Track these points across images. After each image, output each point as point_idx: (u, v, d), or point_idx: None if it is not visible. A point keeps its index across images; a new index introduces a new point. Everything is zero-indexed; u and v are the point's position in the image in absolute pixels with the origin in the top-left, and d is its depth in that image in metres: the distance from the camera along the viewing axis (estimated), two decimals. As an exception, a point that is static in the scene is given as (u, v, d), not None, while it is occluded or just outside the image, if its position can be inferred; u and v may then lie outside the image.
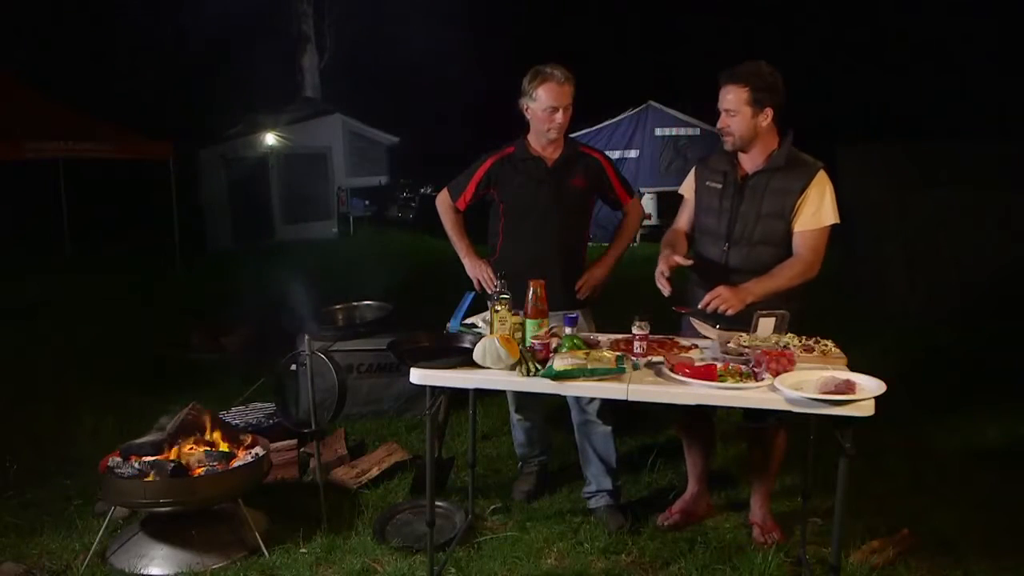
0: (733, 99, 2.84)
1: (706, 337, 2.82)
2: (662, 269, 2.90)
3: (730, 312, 2.73)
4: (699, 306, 2.80)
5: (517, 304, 2.68)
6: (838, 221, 2.87)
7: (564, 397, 3.21)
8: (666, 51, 20.25)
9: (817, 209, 2.84)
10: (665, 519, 3.29)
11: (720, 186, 3.01)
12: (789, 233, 2.89)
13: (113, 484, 2.99)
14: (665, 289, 2.87)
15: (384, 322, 4.67)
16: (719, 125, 2.92)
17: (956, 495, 3.52)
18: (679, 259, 2.91)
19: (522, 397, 3.53)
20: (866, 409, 2.17)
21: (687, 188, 3.20)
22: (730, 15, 20.82)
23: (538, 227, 3.28)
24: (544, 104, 3.15)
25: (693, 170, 3.19)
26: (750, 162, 2.96)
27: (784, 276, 2.83)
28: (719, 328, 2.77)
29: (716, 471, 3.74)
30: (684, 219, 3.22)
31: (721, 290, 2.76)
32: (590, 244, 3.48)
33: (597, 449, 3.37)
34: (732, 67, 2.87)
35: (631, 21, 22.06)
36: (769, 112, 2.85)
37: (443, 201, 3.49)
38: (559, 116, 3.16)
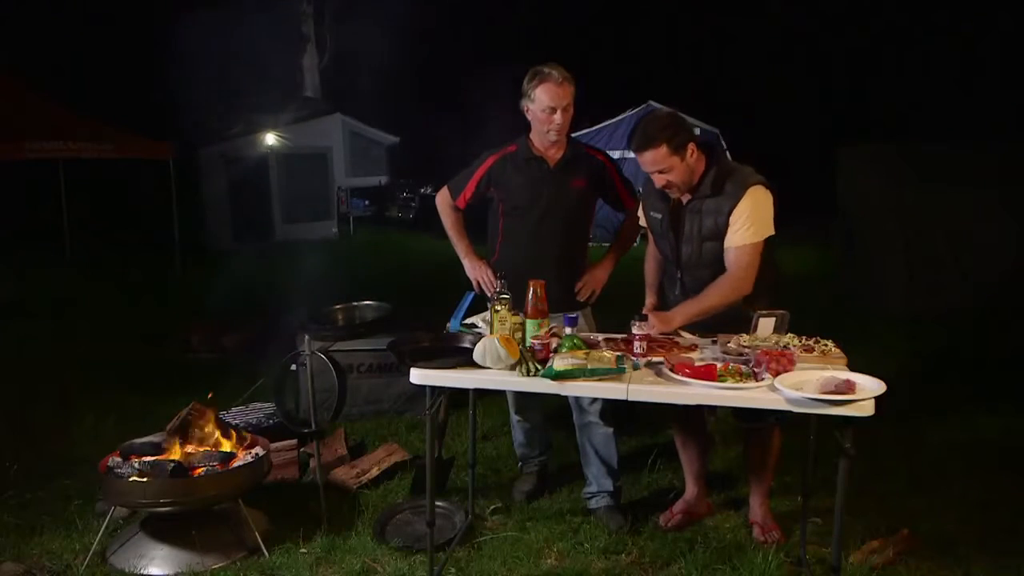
0: (659, 159, 2.82)
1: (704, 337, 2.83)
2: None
3: (653, 333, 2.74)
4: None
5: (517, 304, 2.68)
6: (770, 234, 2.87)
7: (565, 398, 3.21)
8: (666, 51, 20.26)
9: (741, 226, 2.84)
10: (667, 520, 3.29)
11: (661, 216, 3.06)
12: None
13: (113, 484, 2.99)
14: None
15: (384, 322, 4.66)
16: (659, 185, 2.92)
17: (956, 495, 3.52)
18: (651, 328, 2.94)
19: (522, 398, 3.53)
20: (866, 409, 2.17)
21: (641, 217, 3.25)
22: (730, 16, 20.83)
23: (538, 228, 3.27)
24: (543, 104, 3.13)
25: (640, 200, 3.24)
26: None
27: (710, 296, 2.83)
28: None
29: (716, 471, 3.75)
30: (652, 244, 3.28)
31: (650, 318, 2.80)
32: (591, 244, 3.48)
33: (598, 450, 3.37)
34: (634, 134, 2.88)
35: (631, 21, 22.06)
36: (692, 147, 2.86)
37: (443, 199, 3.48)
38: (557, 116, 3.14)
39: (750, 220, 2.84)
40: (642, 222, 3.25)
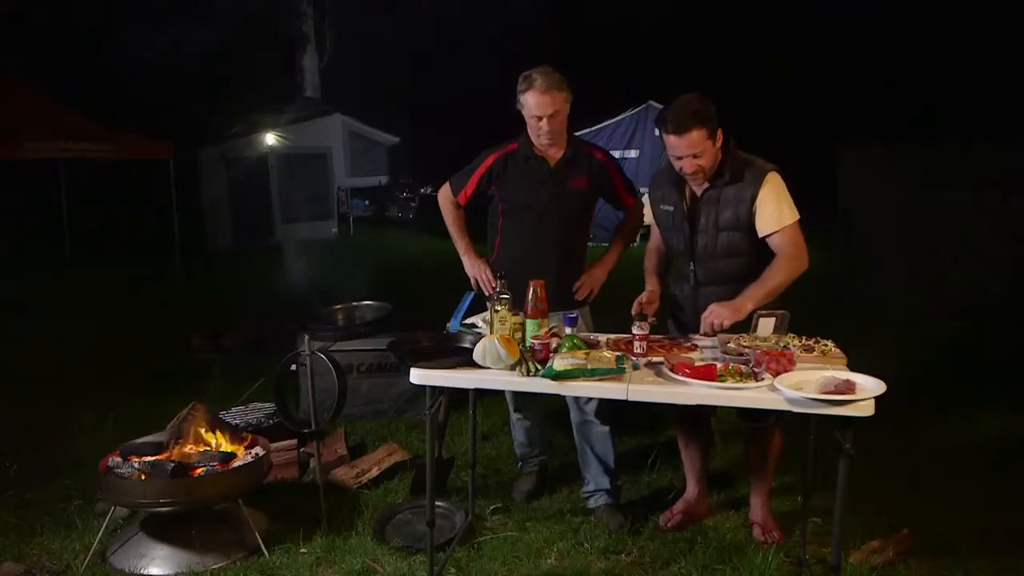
0: (695, 143, 2.79)
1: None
2: (642, 300, 2.94)
3: (727, 324, 2.73)
4: (701, 331, 2.78)
5: (517, 304, 2.68)
6: (799, 217, 2.88)
7: (563, 397, 3.21)
8: (666, 51, 20.26)
9: (775, 209, 2.84)
10: (667, 520, 3.29)
11: (672, 208, 3.03)
12: (750, 242, 2.91)
13: (113, 484, 2.99)
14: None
15: (384, 322, 4.67)
16: (688, 171, 2.87)
17: (956, 495, 3.52)
18: (649, 303, 2.95)
19: (521, 397, 3.53)
20: (866, 409, 2.17)
21: (648, 213, 3.23)
22: (730, 15, 20.83)
23: (538, 227, 3.28)
24: (530, 112, 3.15)
25: (647, 195, 3.20)
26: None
27: (774, 277, 2.81)
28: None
29: (716, 471, 3.75)
30: (656, 237, 3.26)
31: (714, 308, 2.75)
32: (590, 244, 3.48)
33: (595, 449, 3.37)
34: (671, 116, 2.82)
35: (631, 21, 22.06)
36: (720, 132, 2.85)
37: (444, 195, 3.48)
38: (544, 124, 3.14)
39: (780, 201, 2.84)
40: (648, 219, 3.23)
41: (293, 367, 3.60)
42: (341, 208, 15.99)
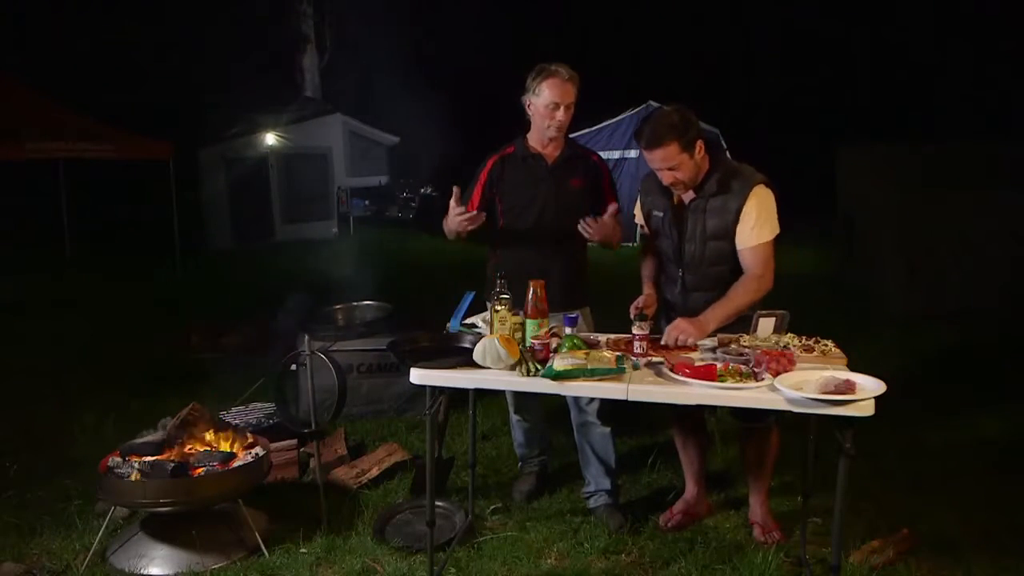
0: (669, 157, 2.79)
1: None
2: (639, 305, 2.92)
3: (691, 342, 2.71)
4: (662, 342, 2.74)
5: (517, 304, 2.68)
6: (778, 232, 2.89)
7: (564, 397, 3.21)
8: (666, 51, 20.26)
9: (754, 224, 2.85)
10: (667, 520, 3.29)
11: (662, 214, 3.05)
12: (736, 251, 2.91)
13: (113, 484, 2.99)
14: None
15: (384, 322, 4.67)
16: (667, 182, 2.89)
17: (956, 495, 3.52)
18: (646, 307, 2.93)
19: (521, 397, 3.53)
20: (866, 409, 2.17)
21: (638, 214, 3.22)
22: (730, 15, 20.83)
23: (537, 226, 3.28)
24: (547, 100, 3.15)
25: (638, 198, 3.21)
26: None
27: (739, 296, 2.82)
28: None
29: (715, 471, 3.75)
30: (650, 242, 3.24)
31: (680, 323, 2.73)
32: (589, 244, 3.47)
33: (596, 449, 3.37)
34: (646, 129, 2.82)
35: (631, 21, 22.07)
36: (700, 144, 2.85)
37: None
38: (560, 113, 3.17)
39: (761, 218, 2.85)
40: (638, 219, 3.24)
41: (293, 367, 3.60)
42: (341, 208, 15.98)
